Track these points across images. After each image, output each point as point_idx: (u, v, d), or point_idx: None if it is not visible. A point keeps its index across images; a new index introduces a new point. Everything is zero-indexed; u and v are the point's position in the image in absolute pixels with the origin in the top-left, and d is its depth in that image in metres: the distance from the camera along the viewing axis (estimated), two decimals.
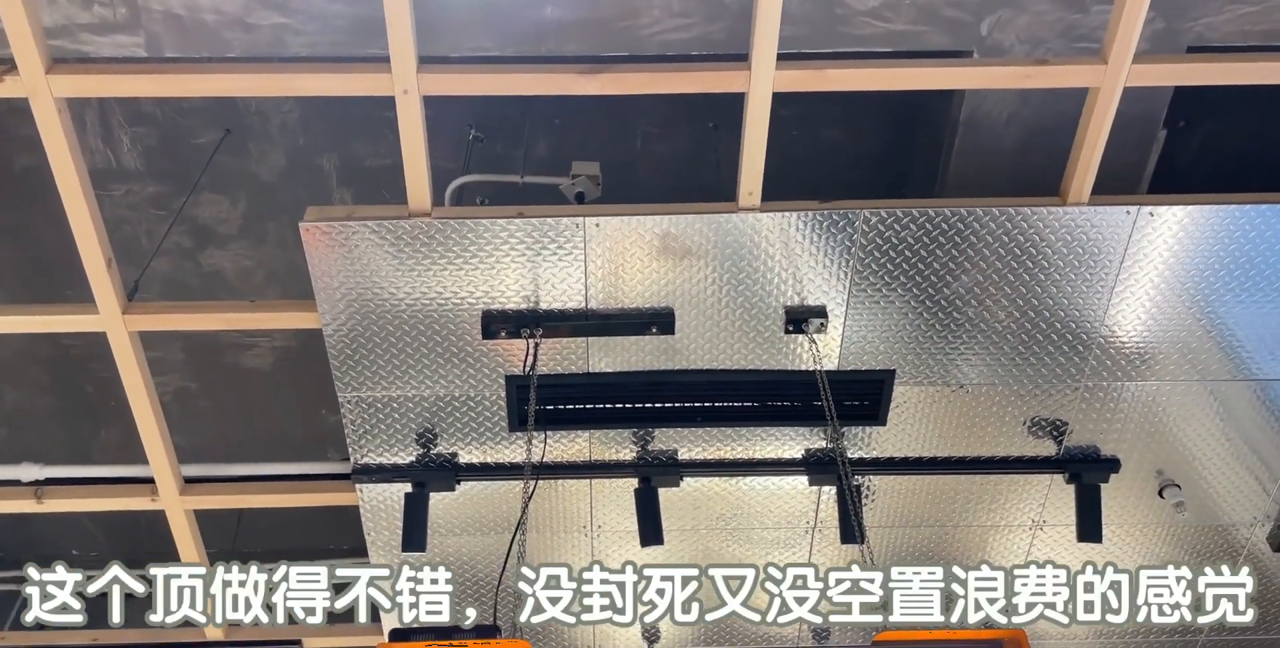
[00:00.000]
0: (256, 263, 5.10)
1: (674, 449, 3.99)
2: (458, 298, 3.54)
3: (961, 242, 3.46)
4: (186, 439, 4.98)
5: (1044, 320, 3.65)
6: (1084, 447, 4.00)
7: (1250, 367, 3.80)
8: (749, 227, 3.43)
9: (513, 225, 3.39)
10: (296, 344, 5.35)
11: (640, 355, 3.72)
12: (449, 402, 3.81)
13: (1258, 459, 4.05)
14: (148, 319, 3.60)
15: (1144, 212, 3.41)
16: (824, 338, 3.67)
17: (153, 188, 4.85)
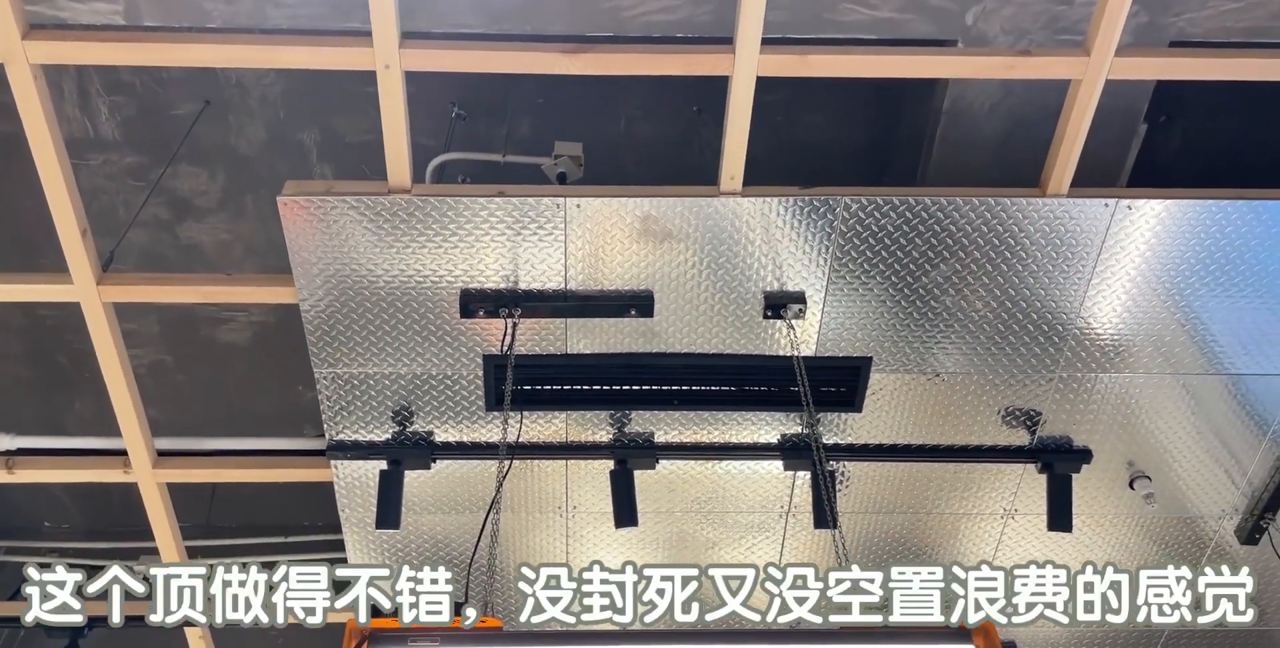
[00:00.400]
0: (235, 237, 5.07)
1: (650, 432, 4.00)
2: (436, 276, 3.53)
3: (941, 230, 3.47)
4: (161, 413, 4.97)
5: (1020, 311, 3.67)
6: (1057, 437, 4.03)
7: (1223, 361, 3.83)
8: (730, 211, 3.43)
9: (493, 204, 3.38)
10: (274, 319, 5.32)
11: (619, 337, 3.72)
12: (426, 380, 3.80)
13: (1227, 453, 4.09)
14: (122, 290, 3.58)
15: (1122, 205, 3.43)
16: (802, 324, 3.68)
17: (130, 158, 4.81)
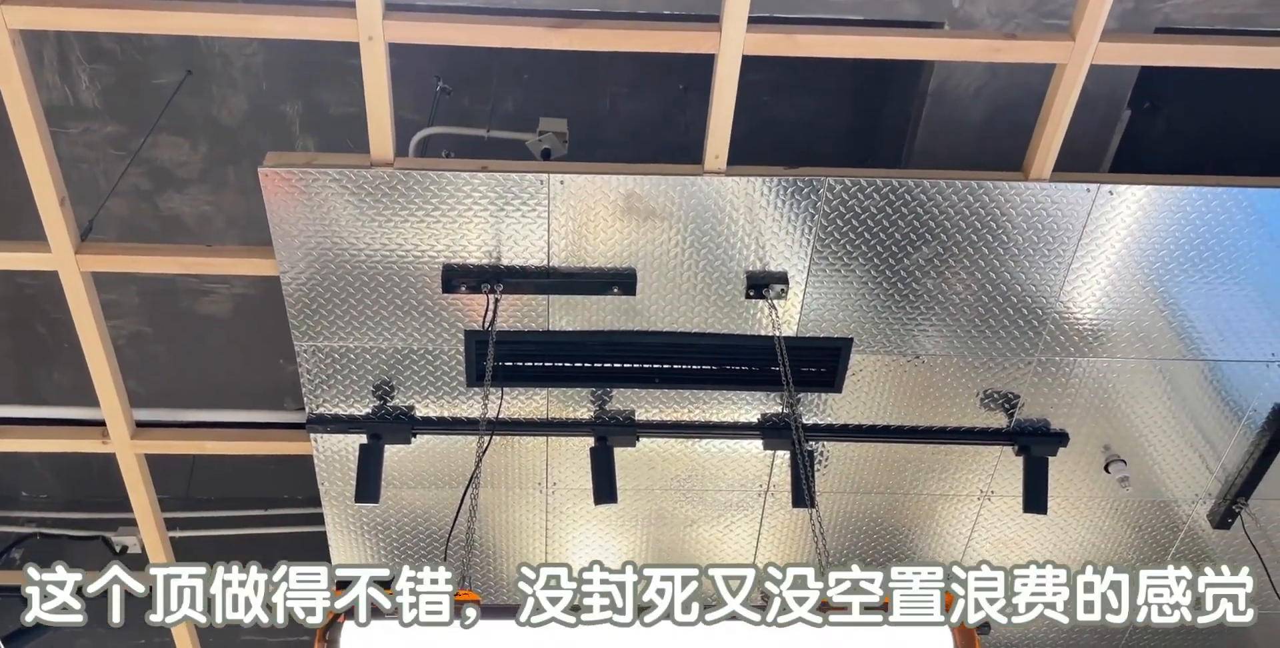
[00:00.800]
0: (216, 208, 5.04)
1: (631, 410, 4.01)
2: (418, 251, 3.52)
3: (924, 213, 3.48)
4: (141, 384, 4.94)
5: (1001, 294, 3.69)
6: (1034, 420, 4.06)
7: (1200, 347, 3.86)
8: (714, 190, 3.42)
9: (476, 179, 3.37)
10: (255, 292, 5.30)
11: (601, 315, 3.72)
12: (407, 355, 3.80)
13: (1202, 438, 4.13)
14: (101, 260, 3.55)
15: (1104, 190, 3.44)
16: (784, 304, 3.69)
17: (111, 127, 4.76)
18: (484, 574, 4.55)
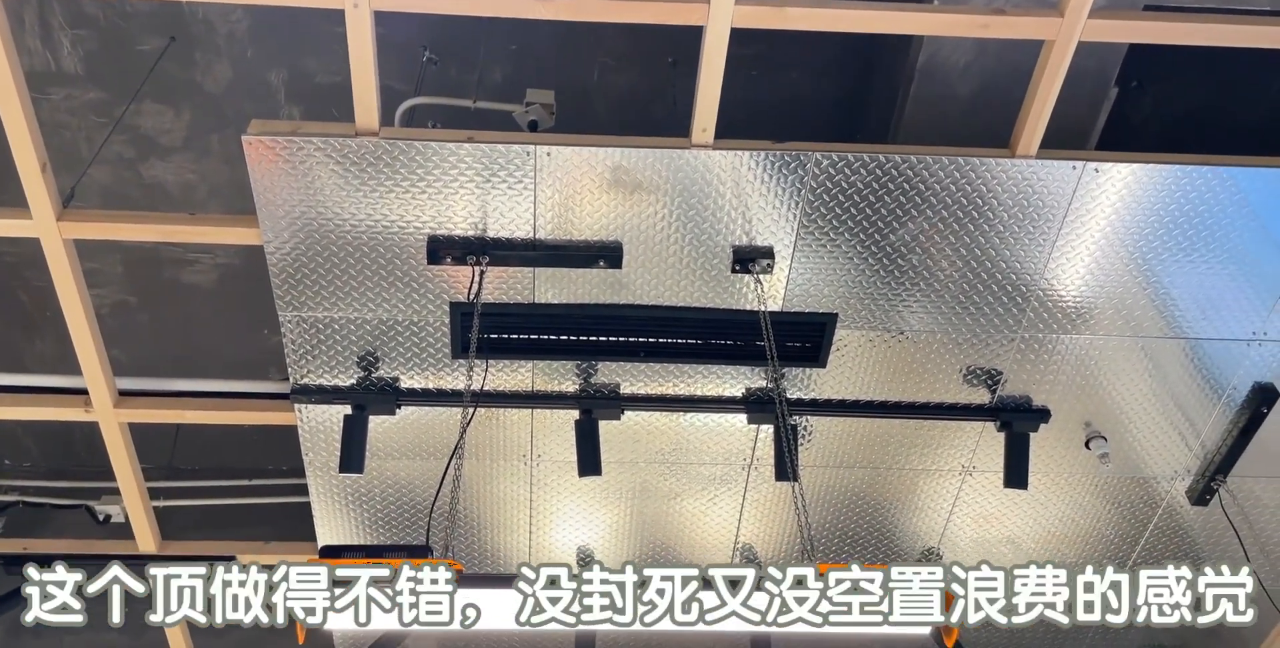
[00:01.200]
0: (200, 177, 5.00)
1: (616, 383, 4.02)
2: (404, 221, 3.50)
3: (910, 189, 3.48)
4: (125, 353, 4.93)
5: (986, 271, 3.70)
6: (1017, 397, 4.08)
7: (1182, 325, 3.88)
8: (701, 164, 3.41)
9: (462, 150, 3.35)
10: (239, 262, 5.28)
11: (587, 288, 3.72)
12: (392, 326, 3.79)
13: (1182, 415, 4.16)
14: (83, 227, 3.53)
15: (1089, 167, 3.45)
16: (769, 279, 3.69)
17: (93, 94, 4.72)
18: (468, 545, 4.57)
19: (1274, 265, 3.71)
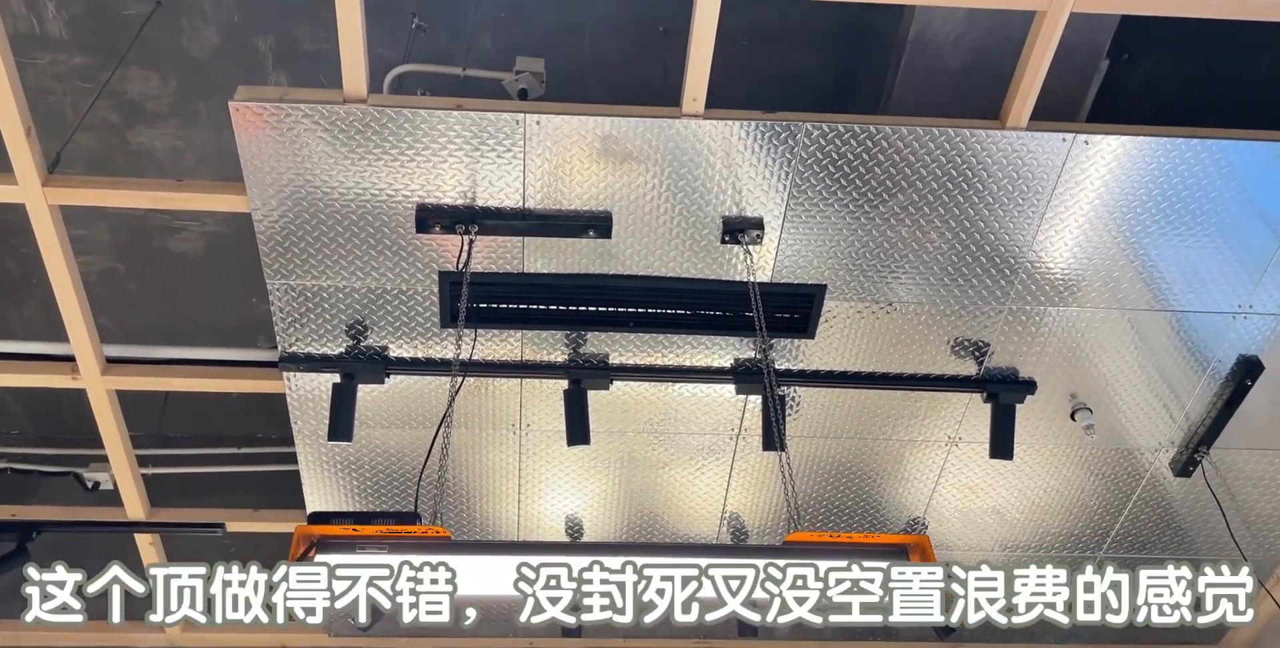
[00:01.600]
0: (187, 144, 4.97)
1: (605, 353, 4.03)
2: (393, 189, 3.49)
3: (900, 160, 3.48)
4: (112, 321, 4.92)
5: (974, 243, 3.71)
6: (1003, 368, 4.11)
7: (1169, 298, 3.90)
8: (691, 133, 3.40)
9: (451, 118, 3.33)
10: (227, 230, 5.25)
11: (576, 258, 3.72)
12: (380, 295, 3.79)
13: (1167, 387, 4.19)
14: (69, 193, 3.51)
15: (1079, 139, 3.45)
16: (759, 249, 3.69)
17: (79, 59, 4.67)
18: (457, 514, 4.59)
19: (1261, 239, 3.73)
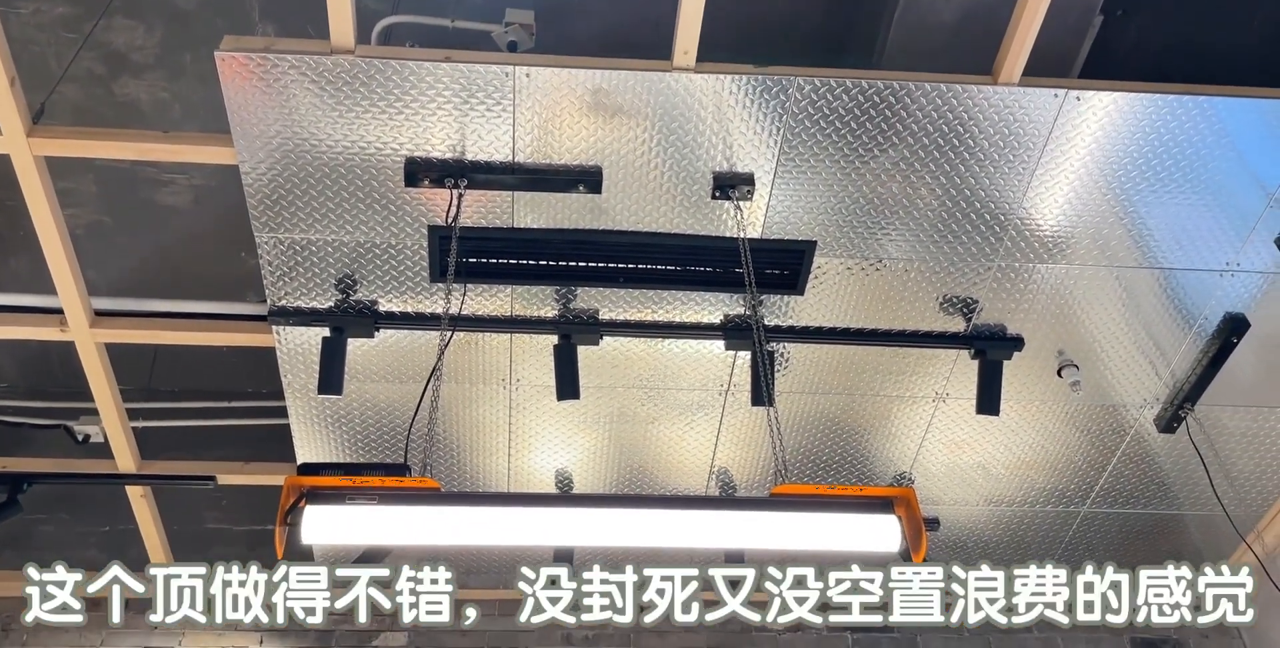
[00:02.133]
0: (173, 96, 4.91)
1: (595, 309, 4.03)
2: (381, 143, 3.47)
3: (892, 116, 3.47)
4: (100, 274, 4.90)
5: (965, 199, 3.70)
6: (991, 325, 4.13)
7: (1157, 256, 3.91)
8: (682, 87, 3.38)
9: (439, 70, 3.30)
10: (215, 184, 5.21)
11: (566, 213, 3.71)
12: (369, 249, 3.78)
13: (1153, 345, 4.22)
14: (54, 143, 3.48)
15: (1071, 96, 3.44)
16: (749, 205, 3.69)
17: (62, 8, 4.59)
18: (447, 467, 4.62)
19: (1249, 197, 3.74)
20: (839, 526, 2.70)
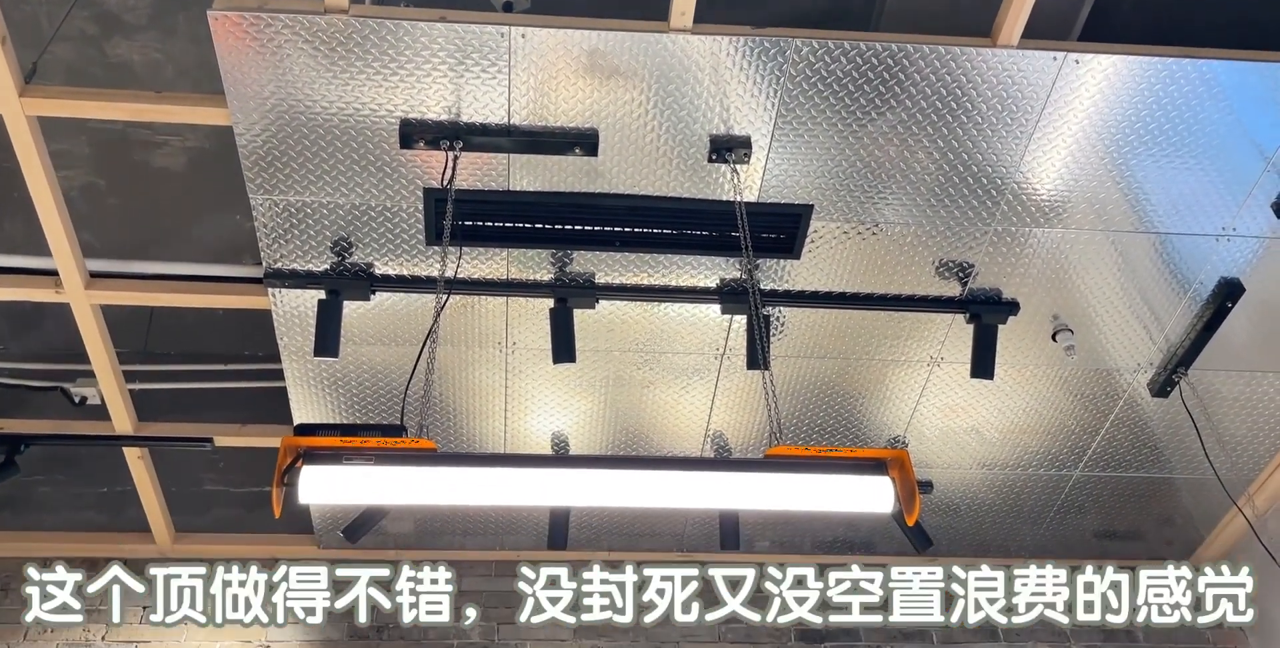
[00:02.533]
0: (166, 57, 4.86)
1: (591, 273, 4.03)
2: (376, 104, 3.44)
3: (890, 78, 3.45)
4: (95, 237, 4.88)
5: (962, 163, 3.69)
6: (987, 289, 4.13)
7: (1153, 220, 3.91)
8: (679, 49, 3.36)
9: (434, 30, 3.27)
10: (210, 146, 5.18)
11: (562, 176, 3.69)
12: (365, 211, 3.76)
13: (1148, 309, 4.23)
14: (47, 104, 3.46)
15: (1070, 59, 3.42)
16: (746, 169, 3.68)
17: None
18: (444, 431, 4.64)
19: (1247, 161, 3.73)
20: (833, 486, 2.72)
